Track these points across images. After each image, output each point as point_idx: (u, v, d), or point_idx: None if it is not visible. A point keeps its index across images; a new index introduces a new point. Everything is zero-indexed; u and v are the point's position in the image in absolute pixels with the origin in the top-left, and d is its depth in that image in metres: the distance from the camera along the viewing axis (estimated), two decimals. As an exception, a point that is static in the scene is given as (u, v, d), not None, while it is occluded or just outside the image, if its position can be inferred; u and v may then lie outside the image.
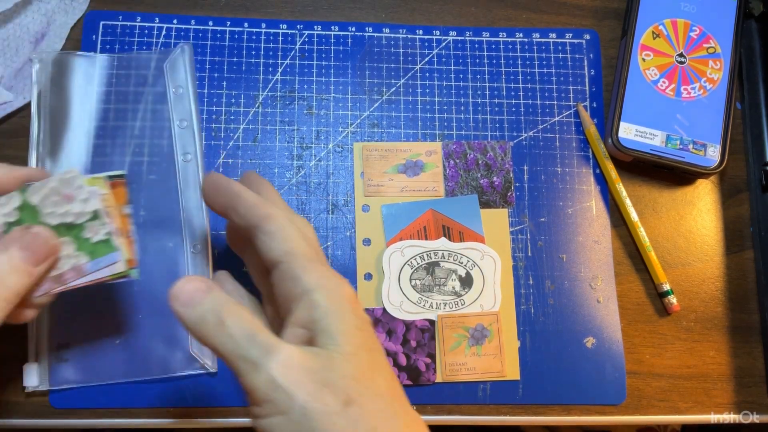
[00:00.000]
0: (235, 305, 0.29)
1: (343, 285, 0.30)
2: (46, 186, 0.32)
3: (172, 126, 0.44)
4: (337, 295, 0.30)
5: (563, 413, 0.43)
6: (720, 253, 0.47)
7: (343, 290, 0.30)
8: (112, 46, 0.45)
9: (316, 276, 0.30)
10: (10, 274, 0.30)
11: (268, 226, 0.31)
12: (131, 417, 0.41)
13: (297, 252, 0.31)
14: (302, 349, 0.28)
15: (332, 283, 0.30)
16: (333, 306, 0.29)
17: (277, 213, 0.32)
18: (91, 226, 0.33)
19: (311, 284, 0.29)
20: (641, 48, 0.47)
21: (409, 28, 0.48)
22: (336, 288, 0.30)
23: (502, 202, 0.45)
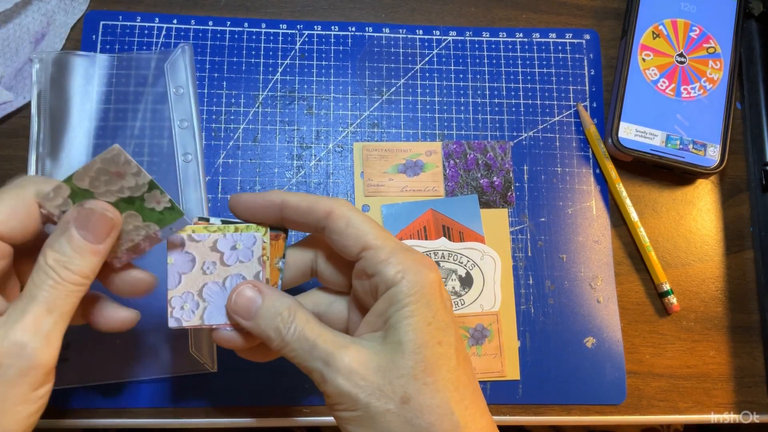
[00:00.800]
0: (289, 313, 0.30)
1: (424, 272, 0.30)
2: (92, 169, 0.31)
3: (172, 126, 0.44)
4: (415, 287, 0.29)
5: (563, 413, 0.43)
6: (720, 253, 0.47)
7: (424, 279, 0.29)
8: (112, 46, 0.45)
9: (394, 269, 0.30)
10: (74, 257, 0.28)
11: (334, 224, 0.31)
12: (131, 417, 0.41)
13: (373, 245, 0.30)
14: (364, 349, 0.29)
15: (412, 273, 0.29)
16: (407, 299, 0.29)
17: (337, 206, 0.31)
18: (151, 196, 0.32)
19: (389, 277, 0.29)
20: (641, 48, 0.47)
21: (409, 28, 0.48)
22: (415, 278, 0.29)
23: (502, 202, 0.45)
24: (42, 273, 0.28)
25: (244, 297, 0.32)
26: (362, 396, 0.28)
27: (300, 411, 0.42)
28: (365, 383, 0.28)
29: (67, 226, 0.29)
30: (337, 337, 0.30)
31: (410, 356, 0.28)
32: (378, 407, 0.28)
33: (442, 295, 0.30)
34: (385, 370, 0.28)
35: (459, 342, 0.30)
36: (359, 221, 0.31)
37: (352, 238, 0.31)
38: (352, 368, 0.28)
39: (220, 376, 0.41)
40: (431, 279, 0.30)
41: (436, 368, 0.28)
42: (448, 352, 0.29)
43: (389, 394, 0.28)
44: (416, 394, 0.28)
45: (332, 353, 0.29)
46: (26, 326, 0.27)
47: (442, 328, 0.29)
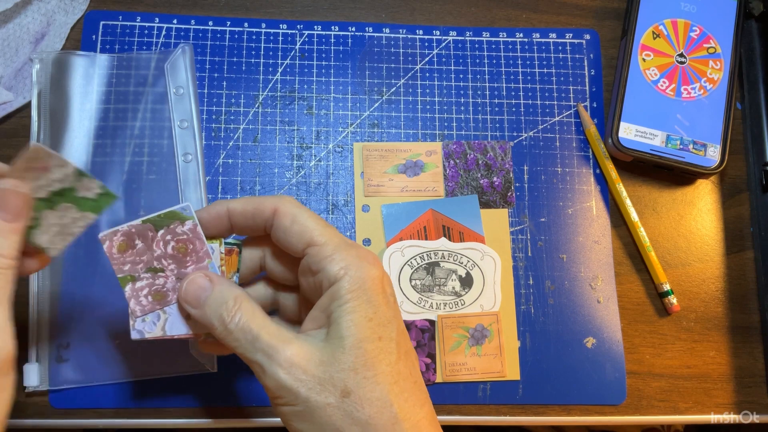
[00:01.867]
0: (235, 302, 0.31)
1: (366, 268, 0.31)
2: (18, 169, 0.31)
3: (172, 126, 0.44)
4: (357, 283, 0.30)
5: (563, 413, 0.43)
6: (720, 253, 0.47)
7: (366, 275, 0.30)
8: (112, 46, 0.45)
9: (337, 265, 0.30)
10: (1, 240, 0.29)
11: (280, 221, 0.32)
12: (131, 417, 0.41)
13: (317, 241, 0.31)
14: (306, 344, 0.30)
15: (354, 269, 0.30)
16: (349, 295, 0.30)
17: (282, 204, 0.32)
18: (82, 184, 0.32)
19: (332, 274, 0.30)
20: (641, 48, 0.47)
21: (409, 28, 0.48)
22: (357, 274, 0.30)
23: (502, 202, 0.45)
24: None
25: (195, 285, 0.32)
26: (303, 390, 0.29)
27: (300, 411, 0.42)
28: (306, 377, 0.29)
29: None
30: (282, 331, 0.30)
31: (351, 351, 0.29)
32: (318, 401, 0.29)
33: (384, 291, 0.31)
34: (327, 365, 0.29)
35: (401, 336, 0.31)
36: (304, 218, 0.32)
37: (296, 235, 0.32)
38: (294, 362, 0.29)
39: (220, 376, 0.41)
40: (373, 275, 0.31)
41: (376, 362, 0.29)
42: (389, 346, 0.30)
43: (330, 388, 0.29)
44: (356, 387, 0.29)
45: (274, 346, 0.29)
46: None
47: (383, 324, 0.30)
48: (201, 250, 0.34)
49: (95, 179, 0.32)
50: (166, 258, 0.34)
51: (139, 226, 0.33)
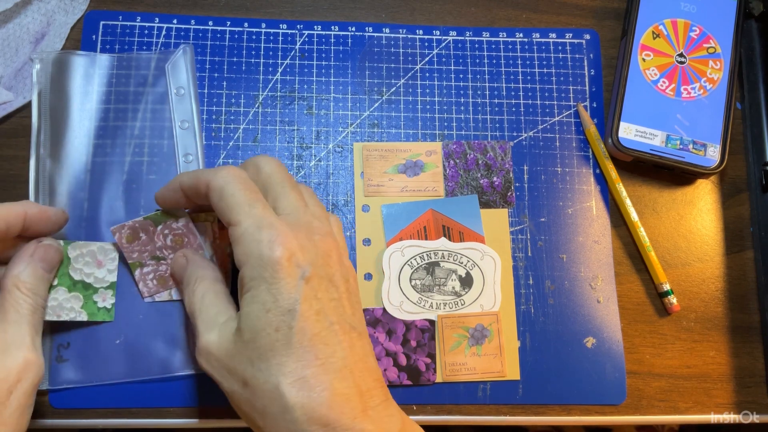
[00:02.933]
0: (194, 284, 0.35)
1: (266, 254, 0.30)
2: (87, 247, 0.39)
3: (173, 127, 0.44)
4: (256, 271, 0.30)
5: (563, 413, 0.43)
6: (720, 253, 0.47)
7: (266, 261, 0.30)
8: (112, 46, 0.45)
9: (241, 250, 0.31)
10: (39, 284, 0.35)
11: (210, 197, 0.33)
12: (131, 417, 0.41)
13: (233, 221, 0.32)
14: (223, 333, 0.32)
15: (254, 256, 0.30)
16: (250, 283, 0.31)
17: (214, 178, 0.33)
18: (104, 293, 0.40)
19: (237, 260, 0.31)
20: (641, 48, 0.47)
21: (409, 28, 0.48)
22: (257, 262, 0.30)
23: (502, 202, 0.45)
24: (21, 300, 0.33)
25: (176, 264, 0.38)
26: (216, 376, 0.32)
27: (300, 411, 0.42)
28: (217, 365, 0.32)
29: (31, 260, 0.35)
30: (217, 317, 0.33)
31: (247, 344, 0.30)
32: (227, 387, 0.32)
33: (291, 274, 0.30)
34: (232, 355, 0.31)
35: (308, 321, 0.30)
36: (229, 193, 0.32)
37: (221, 212, 0.32)
38: (209, 350, 0.32)
39: (220, 376, 0.41)
40: (272, 260, 0.30)
41: (270, 356, 0.30)
42: (286, 337, 0.30)
43: (234, 377, 0.31)
44: (252, 379, 0.30)
45: (200, 334, 0.33)
46: (30, 346, 0.33)
47: (282, 313, 0.30)
48: (194, 243, 0.39)
49: (113, 297, 0.40)
50: (166, 248, 0.39)
51: (141, 221, 0.38)
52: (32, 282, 0.34)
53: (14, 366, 0.31)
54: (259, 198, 0.32)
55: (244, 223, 0.31)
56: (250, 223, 0.31)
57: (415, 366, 0.42)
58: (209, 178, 0.33)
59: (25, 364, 0.32)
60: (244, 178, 0.33)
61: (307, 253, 0.31)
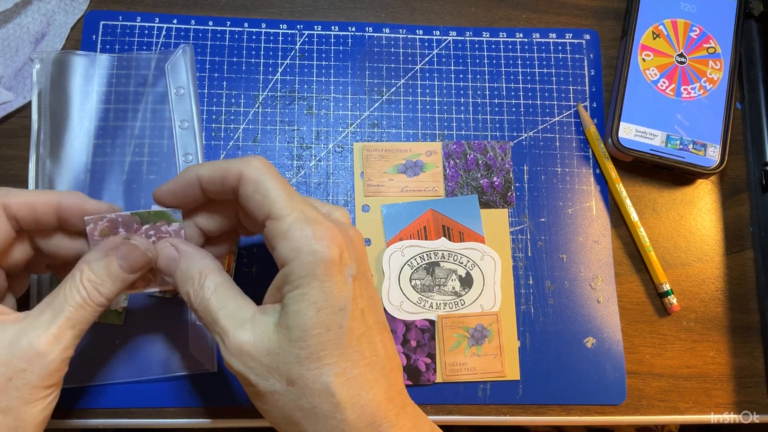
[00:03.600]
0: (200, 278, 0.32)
1: (320, 251, 0.29)
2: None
3: (173, 126, 0.44)
4: (308, 268, 0.29)
5: (563, 413, 0.43)
6: (720, 253, 0.47)
7: (318, 258, 0.29)
8: (112, 46, 0.45)
9: (289, 246, 0.29)
10: (107, 282, 0.31)
11: (243, 189, 0.31)
12: (131, 417, 0.41)
13: (275, 214, 0.30)
14: (257, 331, 0.30)
15: (305, 252, 0.29)
16: (299, 281, 0.29)
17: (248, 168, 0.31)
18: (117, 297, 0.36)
19: (284, 255, 0.30)
20: (641, 48, 0.47)
21: (409, 28, 0.48)
22: (308, 259, 0.29)
23: (502, 202, 0.45)
24: (74, 289, 0.30)
25: (164, 255, 0.33)
26: (252, 377, 0.30)
27: (300, 411, 0.42)
28: (255, 365, 0.30)
29: (109, 253, 0.31)
30: (239, 311, 0.31)
31: (296, 343, 0.29)
32: (266, 387, 0.30)
33: (341, 272, 0.29)
34: (274, 355, 0.29)
35: (358, 320, 0.30)
36: (267, 187, 0.30)
37: (257, 205, 0.30)
38: (243, 350, 0.30)
39: (220, 376, 0.41)
40: (326, 258, 0.29)
41: (321, 355, 0.29)
42: (337, 336, 0.29)
43: (276, 376, 0.30)
44: (300, 378, 0.29)
45: (228, 331, 0.30)
46: (50, 338, 0.29)
47: (333, 312, 0.29)
48: None
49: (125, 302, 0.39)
50: None
51: (127, 216, 0.34)
52: (99, 275, 0.31)
53: (19, 352, 0.28)
54: (295, 191, 0.31)
55: (289, 217, 0.30)
56: (296, 217, 0.30)
57: (415, 366, 0.42)
58: (241, 168, 0.31)
59: (32, 354, 0.29)
60: (276, 171, 0.32)
61: (352, 251, 0.31)
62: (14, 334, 0.29)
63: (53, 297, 0.30)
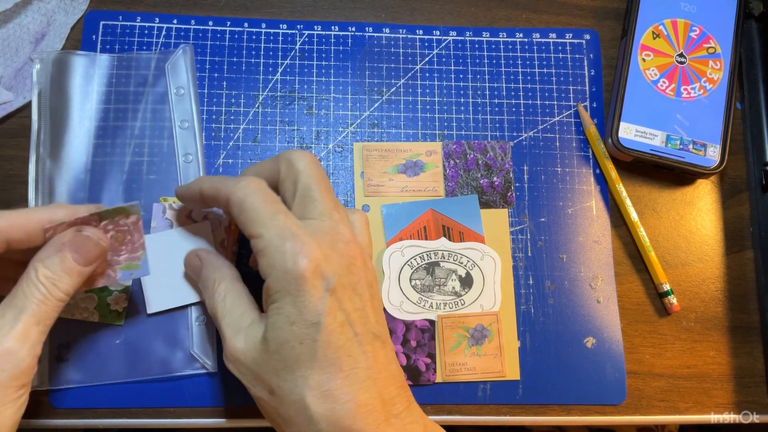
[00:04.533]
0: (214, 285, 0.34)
1: (290, 267, 0.30)
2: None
3: (173, 126, 0.44)
4: (281, 284, 0.30)
5: (563, 413, 0.43)
6: (720, 253, 0.47)
7: (290, 275, 0.30)
8: (112, 46, 0.45)
9: (265, 262, 0.31)
10: (63, 277, 0.31)
11: (231, 211, 0.33)
12: (131, 417, 0.41)
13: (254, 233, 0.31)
14: (249, 340, 0.32)
15: (277, 268, 0.30)
16: (275, 295, 0.30)
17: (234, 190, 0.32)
18: (118, 296, 0.39)
19: (262, 271, 0.31)
20: (641, 48, 0.47)
21: (409, 28, 0.48)
22: (280, 275, 0.30)
23: (502, 202, 0.45)
24: (33, 287, 0.31)
25: (190, 264, 0.38)
26: (244, 381, 0.32)
27: (300, 411, 0.42)
28: (245, 371, 0.32)
29: (62, 247, 0.32)
30: (241, 319, 0.33)
31: (272, 354, 0.31)
32: (255, 393, 0.32)
33: (316, 287, 0.30)
34: (259, 363, 0.31)
35: (333, 333, 0.30)
36: (249, 206, 0.32)
37: (242, 224, 0.32)
38: (236, 357, 0.32)
39: (220, 376, 0.41)
40: (296, 273, 0.30)
41: (295, 368, 0.30)
42: (311, 350, 0.30)
43: (261, 385, 0.31)
44: (278, 389, 0.31)
45: (226, 339, 0.33)
46: (17, 335, 0.30)
47: (306, 326, 0.30)
48: (137, 242, 0.35)
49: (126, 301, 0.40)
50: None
51: (85, 217, 0.33)
52: (54, 271, 0.31)
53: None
54: (280, 209, 0.32)
55: (266, 235, 0.31)
56: (273, 235, 0.31)
57: (415, 366, 0.42)
58: (229, 191, 0.32)
59: (1, 353, 0.29)
60: (264, 190, 0.32)
61: (332, 263, 0.31)
62: None
63: (12, 298, 0.31)
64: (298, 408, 0.30)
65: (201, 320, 0.41)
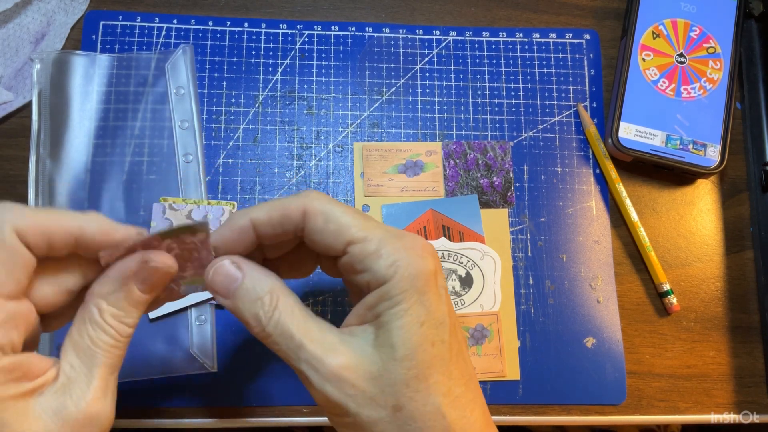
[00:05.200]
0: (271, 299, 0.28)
1: (417, 263, 0.27)
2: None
3: (173, 126, 0.44)
4: (408, 282, 0.27)
5: (563, 413, 0.43)
6: (720, 253, 0.47)
7: (418, 271, 0.27)
8: (112, 46, 0.45)
9: (385, 262, 0.27)
10: (130, 311, 0.28)
11: (312, 224, 0.29)
12: (131, 417, 0.41)
13: (357, 238, 0.28)
14: (353, 353, 0.27)
15: (403, 266, 0.27)
16: (399, 296, 0.27)
17: (309, 202, 0.29)
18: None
19: (380, 273, 0.27)
20: (641, 48, 0.47)
21: (409, 28, 0.48)
22: (408, 272, 0.27)
23: (502, 202, 0.45)
24: (99, 330, 0.27)
25: (222, 274, 0.29)
26: (352, 405, 0.27)
27: (300, 411, 0.42)
28: (355, 392, 0.27)
29: (126, 281, 0.27)
30: (326, 335, 0.28)
31: (402, 362, 0.27)
32: (370, 416, 0.27)
33: (437, 285, 0.28)
34: (377, 378, 0.27)
35: (453, 335, 0.28)
36: (338, 214, 0.28)
37: (332, 234, 0.28)
38: (342, 376, 0.27)
39: (220, 376, 0.41)
40: (426, 270, 0.28)
41: (428, 374, 0.27)
42: (441, 352, 0.28)
43: (381, 403, 0.27)
44: (408, 402, 0.27)
45: (319, 358, 0.27)
46: (97, 394, 0.26)
47: (435, 326, 0.28)
48: (205, 259, 0.30)
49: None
50: None
51: (146, 240, 0.28)
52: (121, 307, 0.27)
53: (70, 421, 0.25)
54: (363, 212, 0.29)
55: (374, 236, 0.28)
56: (383, 235, 0.28)
57: (415, 366, 0.42)
58: (303, 203, 0.29)
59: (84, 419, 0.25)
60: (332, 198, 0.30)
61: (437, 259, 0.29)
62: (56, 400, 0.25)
63: (75, 343, 0.27)
64: (433, 420, 0.27)
65: (201, 320, 0.41)
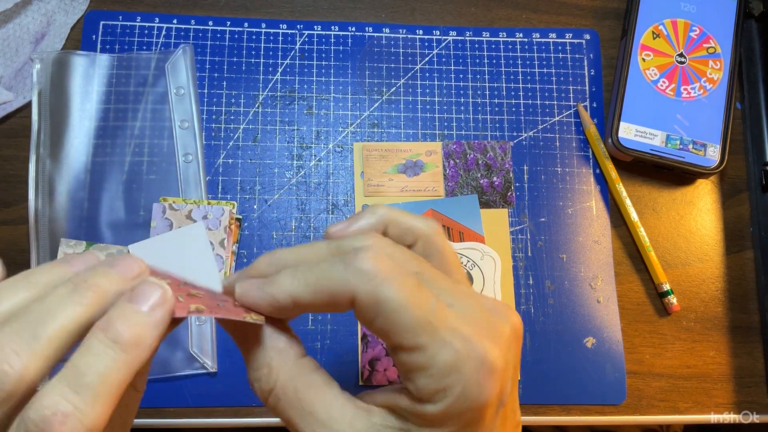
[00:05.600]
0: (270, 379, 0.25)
1: (472, 392, 0.22)
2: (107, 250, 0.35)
3: (173, 126, 0.44)
4: (455, 418, 0.23)
5: (563, 413, 0.43)
6: (720, 253, 0.47)
7: (473, 403, 0.23)
8: (112, 46, 0.45)
9: (434, 386, 0.23)
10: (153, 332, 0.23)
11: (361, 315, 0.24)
12: (131, 417, 0.41)
13: (407, 345, 0.23)
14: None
15: (456, 394, 0.22)
16: (438, 426, 0.23)
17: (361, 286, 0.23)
18: None
19: (425, 395, 0.23)
20: (641, 48, 0.47)
21: (409, 28, 0.48)
22: (457, 403, 0.23)
23: (502, 202, 0.45)
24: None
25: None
26: None
27: (300, 411, 0.42)
28: None
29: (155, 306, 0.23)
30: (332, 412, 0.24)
31: None
32: None
33: (493, 413, 0.24)
34: None
35: None
36: (389, 309, 0.22)
37: (380, 332, 0.23)
38: None
39: (220, 376, 0.41)
40: (482, 403, 0.23)
41: None
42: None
43: None
44: None
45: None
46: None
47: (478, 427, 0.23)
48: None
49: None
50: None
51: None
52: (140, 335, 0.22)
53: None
54: (429, 299, 0.23)
55: (430, 348, 0.22)
56: (441, 348, 0.22)
57: (415, 366, 0.42)
58: (353, 287, 0.23)
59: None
60: (403, 273, 0.23)
61: (509, 366, 0.24)
62: None
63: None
64: None
65: (201, 320, 0.41)
